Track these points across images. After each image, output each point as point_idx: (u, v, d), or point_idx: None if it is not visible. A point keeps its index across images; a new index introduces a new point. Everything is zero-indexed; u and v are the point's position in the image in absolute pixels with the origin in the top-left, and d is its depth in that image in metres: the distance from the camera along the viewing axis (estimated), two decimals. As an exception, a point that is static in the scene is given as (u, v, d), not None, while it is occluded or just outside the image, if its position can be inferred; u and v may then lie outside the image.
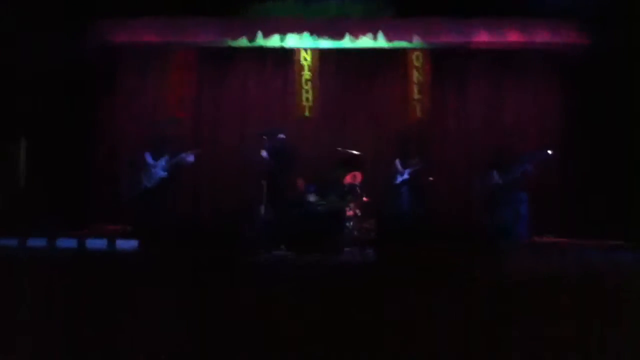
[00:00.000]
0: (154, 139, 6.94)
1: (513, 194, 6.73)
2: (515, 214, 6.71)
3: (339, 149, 7.39)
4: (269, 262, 4.02)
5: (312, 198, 6.67)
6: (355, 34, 7.94)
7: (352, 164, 7.25)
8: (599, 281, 3.57)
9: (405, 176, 7.10)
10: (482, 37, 7.82)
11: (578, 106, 7.96)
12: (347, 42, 7.99)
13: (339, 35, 7.96)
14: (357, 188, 6.89)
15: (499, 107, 8.19)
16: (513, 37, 7.73)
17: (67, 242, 3.83)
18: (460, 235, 4.22)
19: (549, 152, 6.76)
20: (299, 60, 8.15)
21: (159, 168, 6.71)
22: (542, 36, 7.71)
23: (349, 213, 6.62)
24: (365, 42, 7.96)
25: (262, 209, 6.70)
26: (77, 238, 3.74)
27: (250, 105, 8.43)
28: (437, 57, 8.08)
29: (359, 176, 7.18)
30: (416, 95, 8.03)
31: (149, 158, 6.75)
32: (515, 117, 8.12)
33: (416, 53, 8.02)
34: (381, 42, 7.93)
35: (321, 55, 8.16)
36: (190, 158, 6.77)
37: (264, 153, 6.64)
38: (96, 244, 3.88)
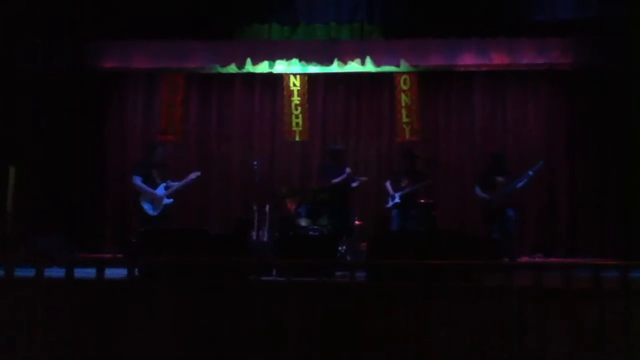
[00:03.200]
0: (143, 163, 6.80)
1: (502, 210, 6.75)
2: (503, 231, 6.71)
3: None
4: (260, 286, 3.98)
5: (303, 222, 6.65)
6: (344, 60, 8.02)
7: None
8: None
9: (397, 200, 7.09)
10: (469, 59, 7.90)
11: (568, 122, 8.05)
12: (335, 68, 8.07)
13: (327, 61, 8.03)
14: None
15: (488, 127, 8.25)
16: (499, 58, 7.82)
17: (54, 271, 3.79)
18: (455, 252, 4.20)
19: (539, 166, 6.76)
20: (288, 86, 8.21)
21: (163, 195, 6.57)
22: (527, 56, 7.80)
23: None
24: (353, 67, 8.04)
25: (254, 234, 6.70)
26: (64, 267, 3.69)
27: (239, 129, 8.47)
28: (425, 80, 8.16)
29: (350, 199, 7.18)
30: (405, 118, 8.08)
31: (143, 184, 6.54)
32: (504, 137, 8.18)
33: (404, 76, 8.08)
34: (369, 66, 8.02)
35: (310, 80, 8.23)
36: (184, 186, 6.72)
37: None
38: (85, 272, 3.83)
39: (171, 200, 6.64)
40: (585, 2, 7.59)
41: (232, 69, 8.14)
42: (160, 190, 6.59)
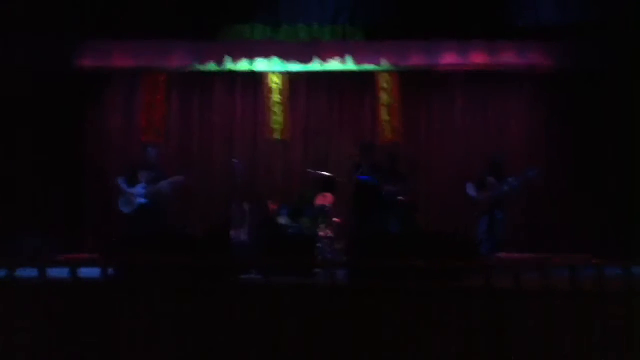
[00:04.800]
0: (129, 165, 6.94)
1: (491, 211, 6.78)
2: (490, 232, 6.75)
3: (310, 170, 7.39)
4: (240, 286, 3.94)
5: (283, 220, 6.63)
6: (324, 58, 8.00)
7: (323, 185, 7.24)
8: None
9: (376, 199, 7.08)
10: (449, 60, 7.93)
11: (547, 123, 8.12)
12: (316, 66, 8.04)
13: (308, 59, 8.00)
14: (328, 210, 6.87)
15: (469, 128, 8.29)
16: (479, 59, 7.87)
17: (27, 272, 3.70)
18: (435, 251, 4.21)
19: (532, 174, 6.77)
20: (269, 84, 8.16)
21: (137, 195, 6.65)
22: (507, 58, 7.87)
23: (321, 235, 6.60)
24: (334, 65, 8.02)
25: (234, 233, 6.65)
26: (37, 267, 3.61)
27: (220, 128, 8.39)
28: (406, 80, 8.17)
29: (330, 198, 7.17)
30: (385, 117, 8.09)
31: (123, 184, 6.70)
32: (484, 137, 8.23)
33: (384, 75, 8.10)
34: (350, 65, 8.00)
35: (291, 78, 8.19)
36: (169, 187, 6.73)
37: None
38: (58, 272, 3.75)
39: (145, 200, 6.65)
40: (566, 7, 7.67)
41: (212, 67, 8.07)
42: (136, 190, 6.66)
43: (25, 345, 3.66)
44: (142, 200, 6.66)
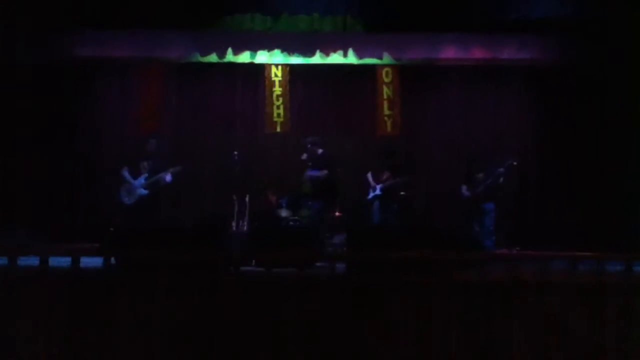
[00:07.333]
0: (132, 156, 7.05)
1: (480, 205, 6.83)
2: (482, 225, 6.81)
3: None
4: (240, 278, 3.96)
5: (284, 213, 6.65)
6: (326, 51, 8.00)
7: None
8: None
9: (377, 192, 7.13)
10: (450, 54, 7.95)
11: (546, 118, 8.13)
12: (317, 59, 8.03)
13: (309, 52, 8.00)
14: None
15: (469, 121, 8.30)
16: (479, 53, 7.89)
17: (29, 260, 3.72)
18: (434, 245, 4.22)
19: (514, 162, 6.89)
20: (270, 76, 8.16)
21: (139, 186, 6.75)
22: (507, 52, 7.89)
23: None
24: (335, 58, 8.02)
25: (234, 224, 6.69)
26: (39, 256, 3.63)
27: (220, 120, 8.38)
28: (407, 73, 8.17)
29: (331, 191, 7.18)
30: (386, 111, 8.10)
31: (126, 175, 6.83)
32: (484, 131, 8.24)
33: (386, 69, 8.10)
34: (351, 58, 8.00)
35: (292, 71, 8.18)
36: (169, 177, 6.81)
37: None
38: (60, 262, 3.77)
39: (146, 192, 6.76)
40: (560, 1, 7.66)
41: (212, 58, 8.06)
42: (138, 181, 6.78)
43: (26, 334, 3.69)
44: (142, 191, 6.73)
